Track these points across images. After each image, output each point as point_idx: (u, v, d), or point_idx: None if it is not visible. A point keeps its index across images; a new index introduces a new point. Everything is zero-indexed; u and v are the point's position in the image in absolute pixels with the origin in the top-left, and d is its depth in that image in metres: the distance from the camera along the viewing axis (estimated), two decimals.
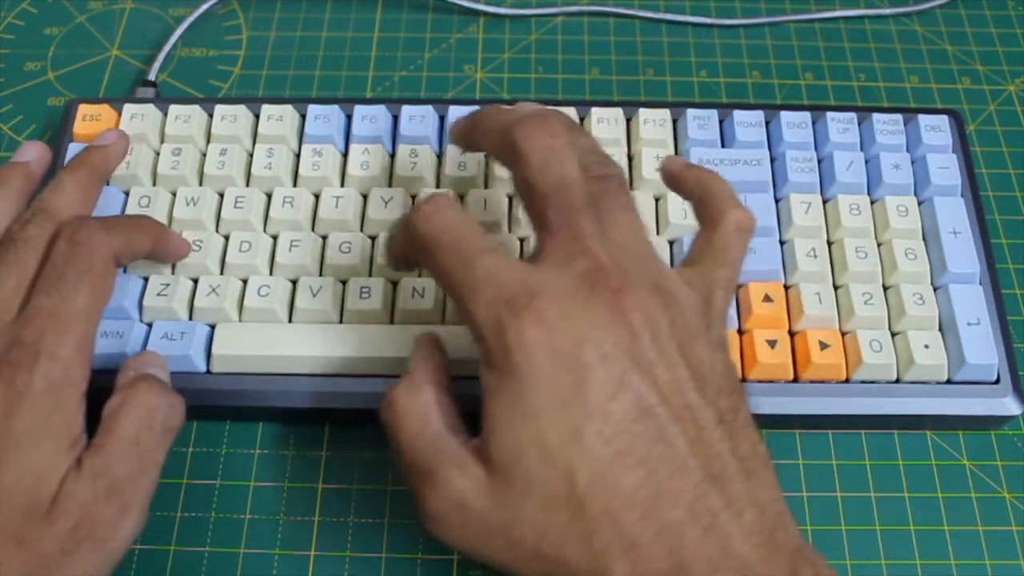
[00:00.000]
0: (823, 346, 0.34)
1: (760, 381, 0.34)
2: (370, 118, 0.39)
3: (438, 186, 0.38)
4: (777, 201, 0.38)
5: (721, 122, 0.40)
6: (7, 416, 0.26)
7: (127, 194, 0.37)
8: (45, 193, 0.32)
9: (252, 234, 0.36)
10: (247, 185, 0.38)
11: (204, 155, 0.39)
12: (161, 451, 0.29)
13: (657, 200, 0.38)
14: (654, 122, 0.39)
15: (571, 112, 0.39)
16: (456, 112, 0.39)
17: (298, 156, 0.39)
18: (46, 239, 0.30)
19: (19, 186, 0.33)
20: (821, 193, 0.38)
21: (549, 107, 0.31)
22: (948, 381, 0.35)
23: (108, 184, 0.38)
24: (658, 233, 0.37)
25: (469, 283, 0.25)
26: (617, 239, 0.26)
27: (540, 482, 0.23)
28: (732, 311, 0.35)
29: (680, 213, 0.37)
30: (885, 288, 0.36)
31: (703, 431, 0.24)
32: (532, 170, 0.27)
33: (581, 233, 0.25)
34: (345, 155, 0.39)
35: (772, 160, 0.39)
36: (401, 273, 0.35)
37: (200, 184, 0.38)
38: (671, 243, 0.37)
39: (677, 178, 0.31)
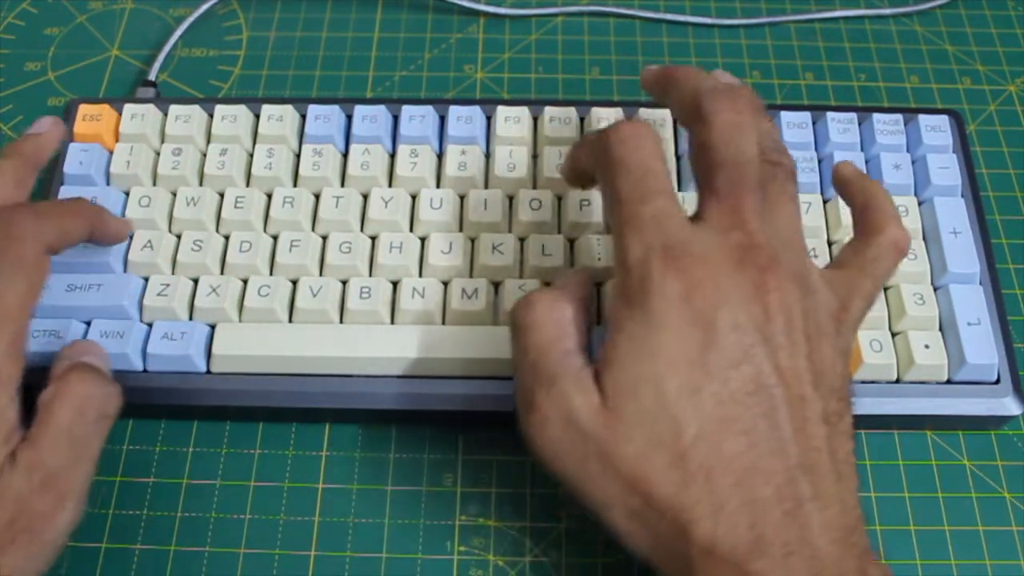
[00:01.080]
0: None
1: None
2: (370, 118, 0.39)
3: (438, 186, 0.38)
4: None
5: None
6: None
7: (127, 194, 0.37)
8: None
9: (252, 234, 0.36)
10: (247, 185, 0.38)
11: (204, 155, 0.39)
12: (96, 440, 0.29)
13: None
14: (654, 122, 0.39)
15: (571, 112, 0.39)
16: (456, 112, 0.39)
17: (298, 156, 0.39)
18: None
19: (17, 164, 0.33)
20: (821, 193, 0.38)
21: (744, 84, 0.31)
22: (948, 381, 0.35)
23: (108, 184, 0.38)
24: None
25: (638, 217, 0.26)
26: (775, 223, 0.27)
27: (650, 423, 0.24)
28: None
29: None
30: (885, 288, 0.36)
31: (808, 423, 0.25)
32: (713, 139, 0.27)
33: (744, 207, 0.26)
34: (345, 155, 0.39)
35: None
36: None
37: (200, 184, 0.38)
38: None
39: (847, 183, 0.31)
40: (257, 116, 0.39)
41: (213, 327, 0.35)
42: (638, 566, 0.33)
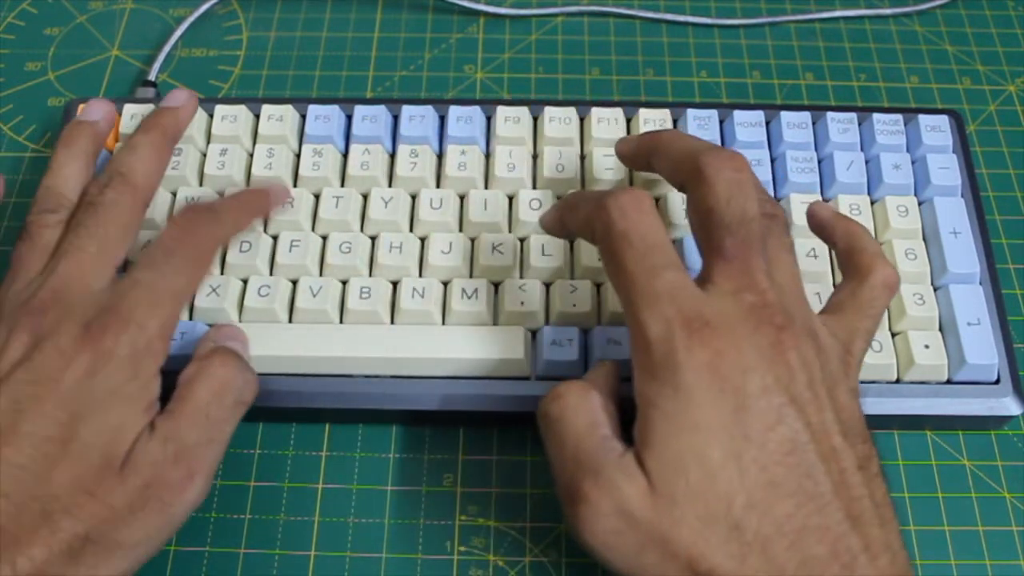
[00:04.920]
0: None
1: None
2: (370, 118, 0.39)
3: (438, 186, 0.38)
4: (778, 201, 0.38)
5: (721, 122, 0.40)
6: (90, 376, 0.27)
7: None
8: (120, 155, 0.33)
9: (252, 234, 0.36)
10: (247, 185, 0.38)
11: (204, 155, 0.39)
12: (230, 424, 0.30)
13: (657, 200, 0.38)
14: (654, 122, 0.39)
15: (571, 112, 0.39)
16: (456, 112, 0.39)
17: (298, 156, 0.39)
18: (124, 203, 0.32)
19: (87, 146, 0.34)
20: (821, 193, 0.38)
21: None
22: (948, 381, 0.35)
23: None
24: None
25: (650, 293, 0.26)
26: (779, 279, 0.27)
27: (701, 499, 0.24)
28: None
29: (681, 214, 0.37)
30: None
31: (845, 474, 0.25)
32: (718, 199, 0.27)
33: (753, 268, 0.26)
34: (345, 155, 0.39)
35: (772, 160, 0.39)
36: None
37: (200, 184, 0.38)
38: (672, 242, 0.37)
39: (826, 227, 0.32)
40: (257, 116, 0.39)
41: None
42: None
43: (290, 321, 0.35)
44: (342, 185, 0.38)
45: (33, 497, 0.25)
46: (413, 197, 0.38)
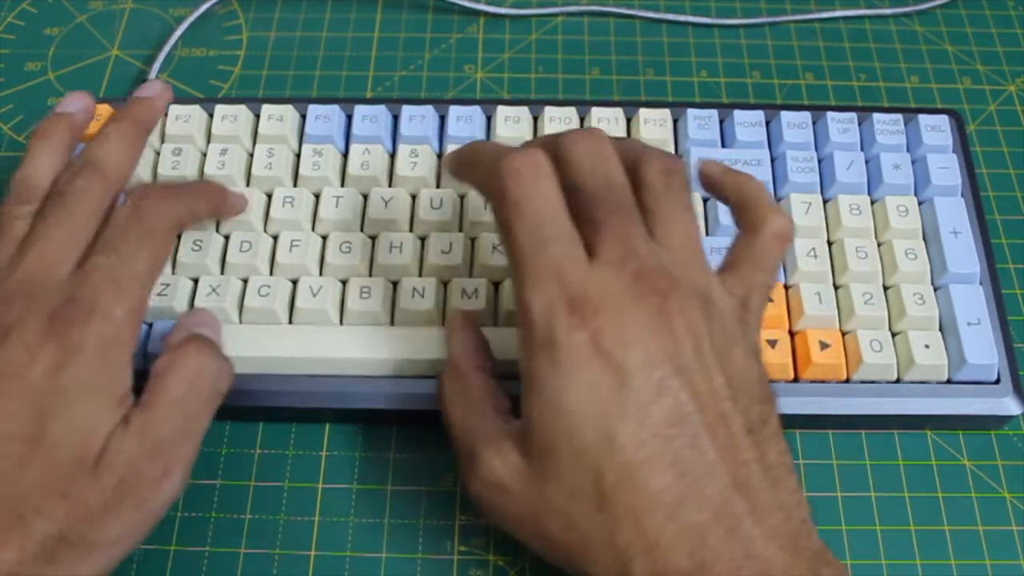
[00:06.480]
0: (823, 346, 0.34)
1: None
2: (370, 118, 0.39)
3: (438, 186, 0.38)
4: (778, 201, 0.38)
5: (721, 122, 0.40)
6: (57, 371, 0.26)
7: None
8: (90, 146, 0.33)
9: (252, 234, 0.36)
10: (247, 185, 0.38)
11: (204, 155, 0.39)
12: (207, 415, 0.29)
13: None
14: (654, 122, 0.39)
15: (571, 112, 0.39)
16: (456, 112, 0.39)
17: (298, 156, 0.39)
18: (94, 192, 0.31)
19: (63, 138, 0.34)
20: (821, 193, 0.38)
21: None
22: (948, 381, 0.35)
23: None
24: None
25: (536, 267, 0.25)
26: (667, 241, 0.27)
27: (568, 476, 0.24)
28: None
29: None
30: (885, 288, 0.36)
31: (733, 439, 0.24)
32: (582, 173, 0.27)
33: (630, 234, 0.26)
34: (345, 155, 0.39)
35: (772, 160, 0.39)
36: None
37: None
38: None
39: (716, 183, 0.31)
40: (257, 116, 0.40)
41: None
42: None
43: (290, 321, 0.35)
44: (342, 185, 0.38)
45: (2, 499, 0.25)
46: (413, 197, 0.38)
